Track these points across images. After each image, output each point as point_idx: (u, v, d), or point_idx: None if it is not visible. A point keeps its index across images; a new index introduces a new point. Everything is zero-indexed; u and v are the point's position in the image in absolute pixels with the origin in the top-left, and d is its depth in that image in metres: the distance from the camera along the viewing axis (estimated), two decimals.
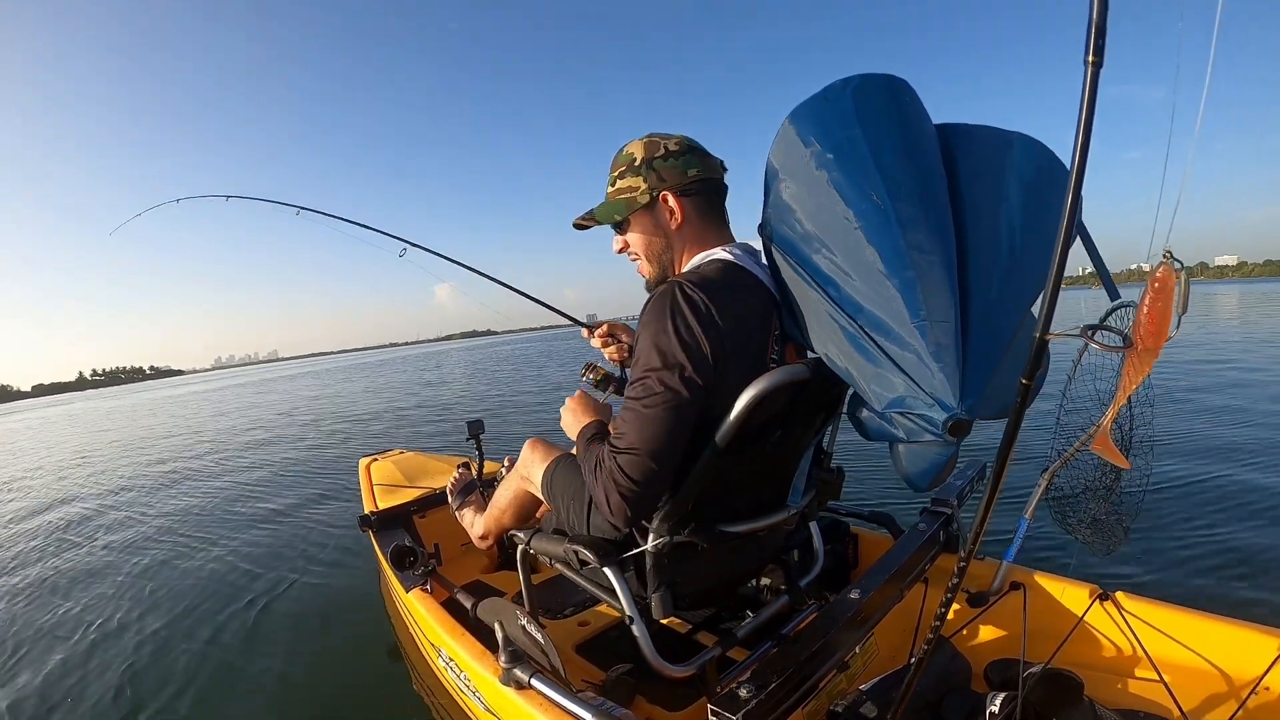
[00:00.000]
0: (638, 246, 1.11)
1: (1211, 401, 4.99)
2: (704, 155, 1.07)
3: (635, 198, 1.07)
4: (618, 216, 1.11)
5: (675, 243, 1.08)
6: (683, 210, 1.06)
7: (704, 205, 1.07)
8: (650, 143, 1.07)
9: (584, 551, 1.09)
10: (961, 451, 0.85)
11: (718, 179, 1.08)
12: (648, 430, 0.90)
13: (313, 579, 2.82)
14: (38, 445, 11.41)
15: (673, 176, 1.05)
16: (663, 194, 1.05)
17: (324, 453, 6.35)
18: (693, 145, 1.07)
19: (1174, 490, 3.00)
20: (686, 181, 1.05)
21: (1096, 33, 0.44)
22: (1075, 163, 0.47)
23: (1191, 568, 2.25)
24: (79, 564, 3.46)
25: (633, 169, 1.07)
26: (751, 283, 1.01)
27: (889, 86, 0.91)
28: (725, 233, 1.10)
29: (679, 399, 0.89)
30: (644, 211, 1.08)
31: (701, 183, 1.06)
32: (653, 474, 0.91)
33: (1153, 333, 0.51)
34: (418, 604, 1.57)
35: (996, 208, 0.85)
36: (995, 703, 1.02)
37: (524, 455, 1.41)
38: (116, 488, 5.75)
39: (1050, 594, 1.34)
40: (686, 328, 0.90)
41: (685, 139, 1.08)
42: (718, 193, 1.09)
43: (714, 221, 1.09)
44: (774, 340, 1.01)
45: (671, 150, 1.05)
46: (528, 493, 1.42)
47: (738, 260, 1.03)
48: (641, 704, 1.27)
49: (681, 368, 0.89)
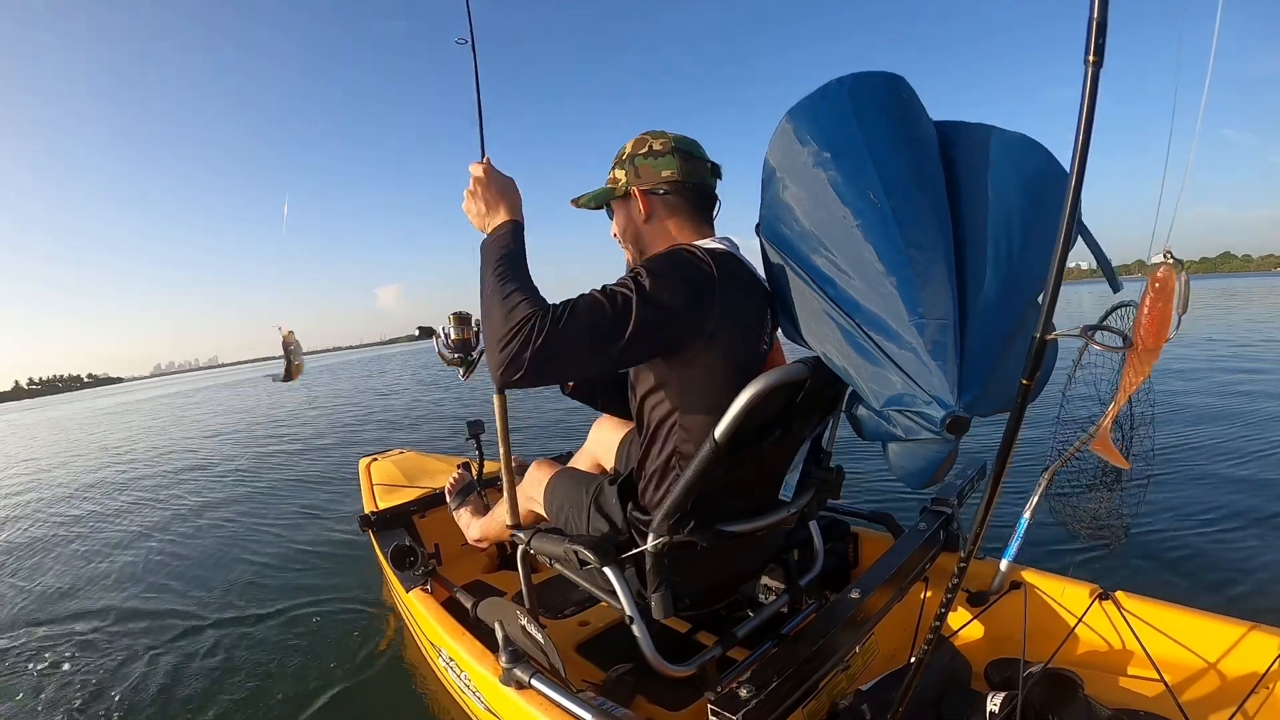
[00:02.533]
0: (617, 232, 1.16)
1: (1194, 401, 5.00)
2: (688, 158, 1.08)
3: (614, 189, 1.13)
4: (594, 204, 1.17)
5: (644, 234, 1.12)
6: (648, 207, 1.09)
7: (675, 205, 1.09)
8: (640, 140, 1.11)
9: (584, 551, 1.09)
10: (961, 452, 0.85)
11: (695, 183, 1.09)
12: (592, 318, 0.84)
13: (312, 579, 2.82)
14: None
15: (647, 175, 1.08)
16: (633, 189, 1.09)
17: (310, 465, 6.34)
18: (679, 147, 1.08)
19: (1174, 490, 3.00)
20: (659, 181, 1.07)
21: (1097, 32, 0.44)
22: (1075, 162, 0.47)
23: (1191, 567, 2.25)
24: (71, 557, 3.46)
25: (620, 162, 1.13)
26: (749, 272, 1.04)
27: (887, 84, 0.91)
28: (702, 232, 1.10)
29: (641, 320, 0.85)
30: (621, 202, 1.14)
31: (675, 184, 1.07)
32: (561, 359, 0.83)
33: (1153, 332, 0.51)
34: (418, 604, 1.57)
35: (995, 205, 0.85)
36: (995, 702, 1.02)
37: (530, 475, 1.42)
38: (115, 487, 5.75)
39: (1050, 594, 1.34)
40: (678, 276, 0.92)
41: (676, 141, 1.09)
42: (697, 195, 1.10)
43: (689, 221, 1.10)
44: (767, 329, 1.04)
45: (655, 150, 1.09)
46: (532, 511, 1.41)
47: (732, 249, 1.05)
48: (641, 704, 1.28)
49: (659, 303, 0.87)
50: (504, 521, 1.51)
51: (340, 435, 7.60)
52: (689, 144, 1.10)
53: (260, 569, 3.04)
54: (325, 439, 7.35)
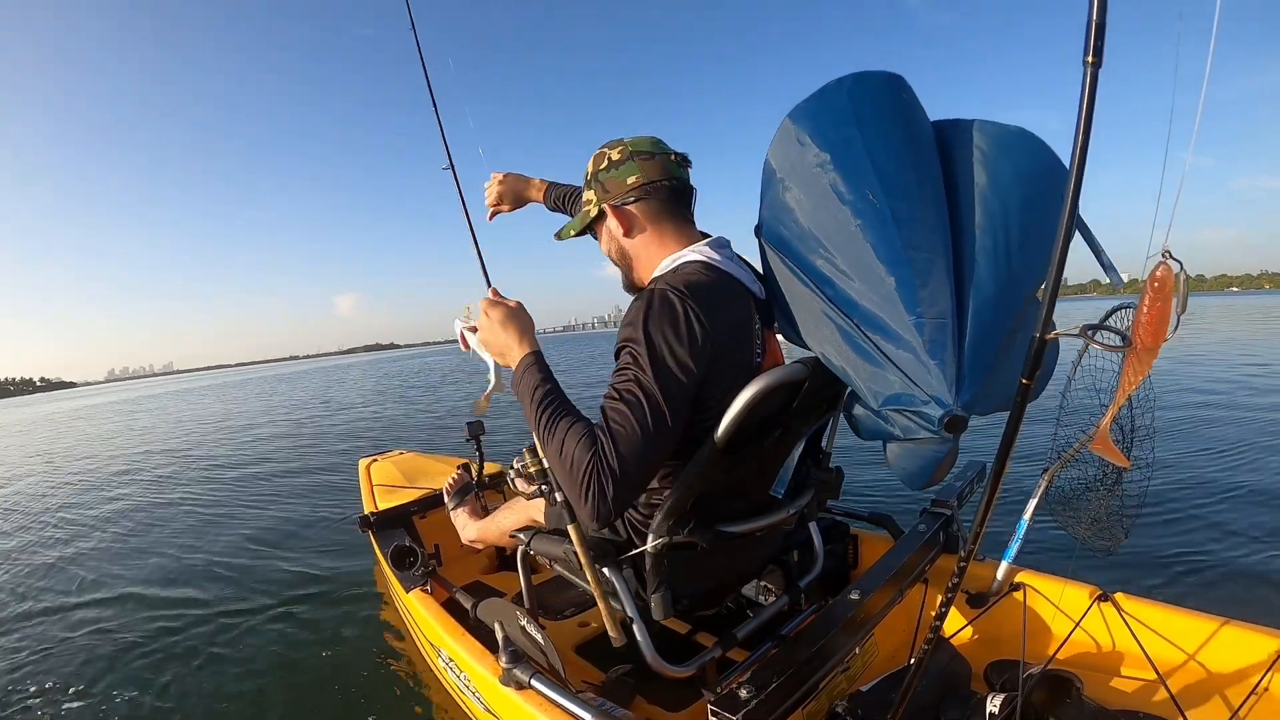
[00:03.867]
0: (606, 253, 1.12)
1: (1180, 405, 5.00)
2: (647, 158, 1.02)
3: (589, 211, 1.08)
4: (573, 232, 1.14)
5: (629, 250, 1.07)
6: (624, 222, 1.04)
7: (650, 211, 1.03)
8: (598, 155, 1.06)
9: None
10: (961, 452, 0.85)
11: (661, 181, 1.02)
12: (632, 432, 0.83)
13: (312, 579, 2.82)
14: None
15: (614, 187, 1.03)
16: (604, 206, 1.05)
17: (308, 466, 6.33)
18: (637, 150, 1.02)
19: (1174, 491, 3.00)
20: (626, 190, 1.02)
21: (1096, 32, 0.44)
22: (1075, 162, 0.48)
23: (1191, 568, 2.25)
24: (66, 554, 3.46)
25: (588, 183, 1.08)
26: (732, 283, 0.99)
27: (885, 84, 0.91)
28: (686, 231, 1.05)
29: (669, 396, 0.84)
30: (599, 222, 1.09)
31: (641, 189, 1.01)
32: (641, 474, 0.84)
33: (1152, 332, 0.51)
34: (418, 604, 1.57)
35: (993, 203, 0.85)
36: (995, 703, 1.02)
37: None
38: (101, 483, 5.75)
39: (1050, 595, 1.33)
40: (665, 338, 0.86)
41: (632, 145, 1.03)
42: (669, 193, 1.03)
43: (669, 223, 1.04)
44: (755, 337, 1.00)
45: (613, 160, 1.03)
46: (532, 518, 1.41)
47: (713, 261, 1.00)
48: (641, 704, 1.28)
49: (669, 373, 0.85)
50: (503, 527, 1.51)
51: (325, 442, 7.62)
52: (645, 143, 1.04)
53: (259, 569, 3.03)
54: (313, 442, 7.35)
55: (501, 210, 1.52)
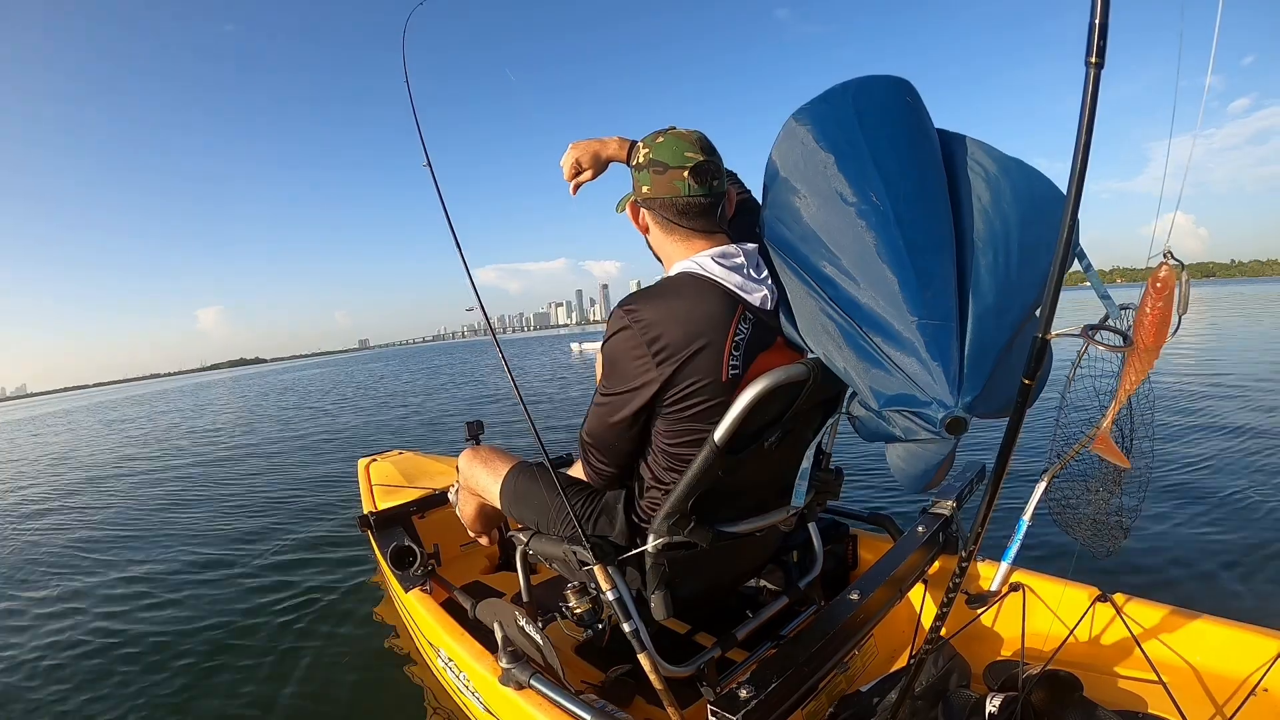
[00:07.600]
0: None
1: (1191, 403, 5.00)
2: (660, 171, 0.99)
3: (628, 195, 1.12)
4: (619, 210, 1.18)
5: (651, 242, 1.11)
6: (641, 219, 1.09)
7: (661, 220, 1.04)
8: (639, 145, 1.08)
9: (582, 553, 1.09)
10: (960, 453, 0.85)
11: (669, 198, 1.00)
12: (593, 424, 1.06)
13: (311, 579, 2.82)
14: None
15: (635, 186, 1.06)
16: (630, 203, 1.10)
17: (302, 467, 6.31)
18: (657, 159, 1.00)
19: (1174, 492, 3.00)
20: (642, 195, 1.04)
21: (1099, 34, 0.44)
22: (1076, 162, 0.48)
23: (1190, 569, 2.25)
24: (64, 551, 3.45)
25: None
26: (711, 296, 0.96)
27: (891, 88, 0.91)
28: (693, 241, 1.03)
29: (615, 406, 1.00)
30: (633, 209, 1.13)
31: (652, 200, 1.02)
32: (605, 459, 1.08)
33: (1153, 332, 0.51)
34: (417, 604, 1.57)
35: (994, 214, 0.85)
36: (995, 704, 1.02)
37: (463, 469, 1.44)
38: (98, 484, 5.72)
39: (1050, 595, 1.34)
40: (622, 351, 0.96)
41: (654, 150, 1.01)
42: (676, 212, 1.01)
43: (678, 232, 1.03)
44: (732, 346, 0.94)
45: (639, 161, 1.04)
46: (486, 503, 1.44)
47: (701, 273, 0.98)
48: (640, 704, 1.27)
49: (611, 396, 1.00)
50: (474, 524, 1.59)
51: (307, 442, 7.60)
52: (668, 151, 0.99)
53: (259, 569, 3.03)
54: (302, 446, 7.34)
55: (584, 180, 1.35)
